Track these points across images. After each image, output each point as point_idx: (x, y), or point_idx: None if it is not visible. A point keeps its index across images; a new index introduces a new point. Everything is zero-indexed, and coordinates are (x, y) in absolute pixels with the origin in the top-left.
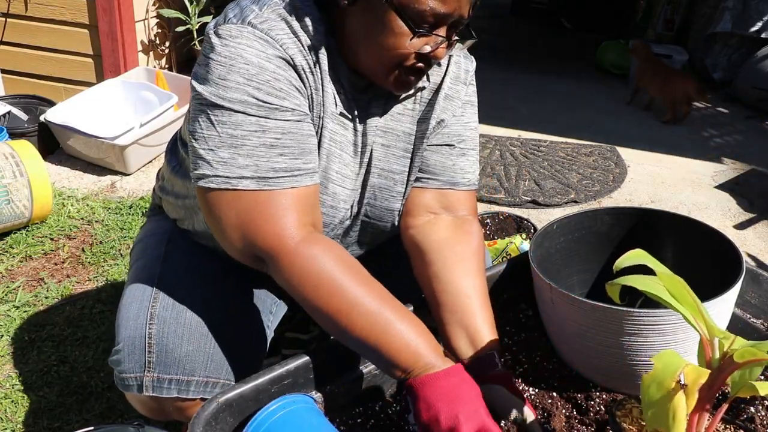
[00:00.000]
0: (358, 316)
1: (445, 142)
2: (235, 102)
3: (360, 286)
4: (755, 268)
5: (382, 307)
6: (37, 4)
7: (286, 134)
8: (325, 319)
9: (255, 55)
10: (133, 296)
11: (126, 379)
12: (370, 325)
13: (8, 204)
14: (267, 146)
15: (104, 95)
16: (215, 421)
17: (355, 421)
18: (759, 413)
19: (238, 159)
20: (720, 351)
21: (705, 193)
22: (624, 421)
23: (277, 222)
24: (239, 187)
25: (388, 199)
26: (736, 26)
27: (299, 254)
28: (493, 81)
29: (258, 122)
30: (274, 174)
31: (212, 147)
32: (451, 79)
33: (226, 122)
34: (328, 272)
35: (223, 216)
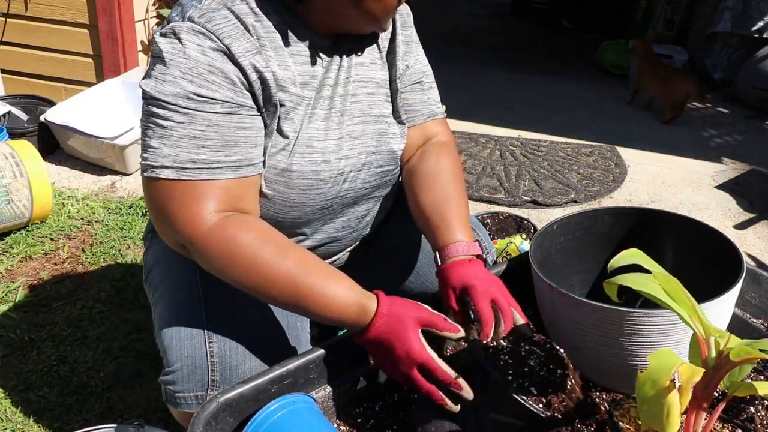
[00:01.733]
0: (279, 291)
1: (415, 80)
2: (169, 95)
3: (276, 258)
4: (755, 268)
5: (298, 276)
6: (37, 4)
7: (212, 127)
8: (254, 293)
9: (193, 49)
10: (179, 315)
11: (184, 397)
12: (292, 298)
13: (8, 204)
14: (190, 138)
15: (104, 95)
16: (215, 421)
17: (355, 421)
18: (759, 413)
19: (163, 149)
20: (716, 350)
21: (705, 193)
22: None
23: (189, 209)
24: (161, 175)
25: (390, 142)
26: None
27: (212, 238)
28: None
29: (186, 114)
30: (192, 165)
31: (147, 138)
32: (401, 26)
33: (159, 114)
34: (244, 250)
35: (151, 203)
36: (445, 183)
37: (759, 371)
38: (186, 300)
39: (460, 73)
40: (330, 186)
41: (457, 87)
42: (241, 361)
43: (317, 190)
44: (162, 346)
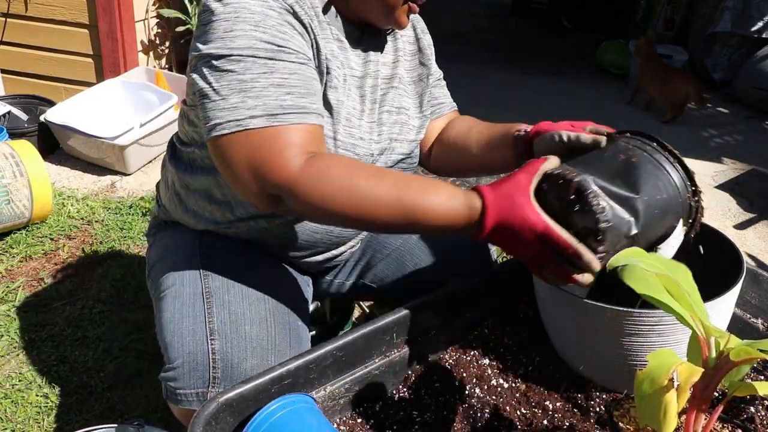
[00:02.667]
0: (386, 212)
1: (437, 77)
2: (244, 48)
3: (374, 180)
4: (755, 268)
5: (400, 193)
6: (37, 4)
7: (293, 75)
8: (359, 225)
9: (258, 5)
10: (182, 312)
11: (185, 394)
12: (401, 216)
13: (8, 204)
14: (275, 86)
15: (104, 95)
16: (215, 421)
17: (355, 421)
18: (759, 413)
19: (248, 101)
20: (716, 350)
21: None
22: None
23: (280, 154)
24: (250, 126)
25: (408, 131)
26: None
27: (306, 174)
28: (493, 81)
29: (266, 64)
30: (282, 111)
31: (223, 96)
32: (421, 31)
33: (235, 69)
34: (340, 179)
35: (235, 160)
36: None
37: (759, 371)
38: (189, 297)
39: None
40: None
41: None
42: (243, 359)
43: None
44: (163, 342)
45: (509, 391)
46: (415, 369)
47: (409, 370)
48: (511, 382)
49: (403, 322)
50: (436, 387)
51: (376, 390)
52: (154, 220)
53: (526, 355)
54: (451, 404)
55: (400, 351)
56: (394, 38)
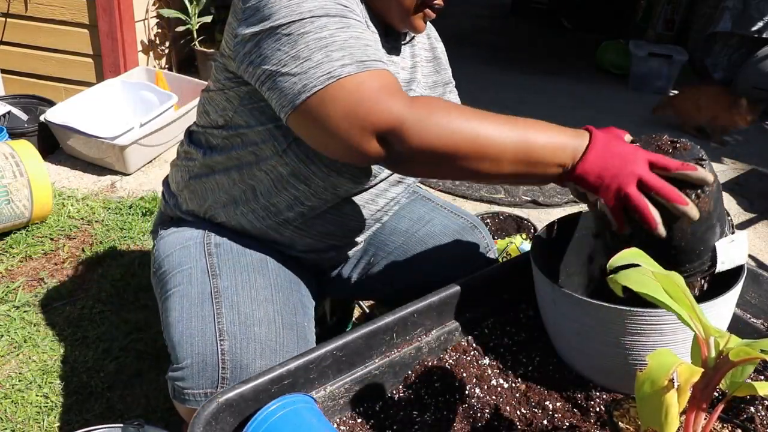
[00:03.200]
0: (501, 144)
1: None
2: (315, 9)
3: (481, 117)
4: (755, 268)
5: (511, 121)
6: (37, 4)
7: (365, 32)
8: (470, 165)
9: None
10: (190, 312)
11: (193, 394)
12: (518, 140)
13: (8, 204)
14: (355, 38)
15: (104, 95)
16: (215, 421)
17: (355, 421)
18: (759, 413)
19: (333, 54)
20: (716, 350)
21: None
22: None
23: (383, 95)
24: (343, 74)
25: None
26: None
27: (417, 112)
28: (493, 81)
29: (341, 21)
30: (368, 58)
31: (304, 58)
32: (435, 40)
33: (310, 30)
34: (451, 119)
35: (331, 113)
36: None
37: (759, 371)
38: (198, 296)
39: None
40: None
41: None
42: (252, 359)
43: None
44: (171, 342)
45: (509, 391)
46: (415, 369)
47: (409, 370)
48: (511, 382)
49: (403, 322)
50: (436, 387)
51: (376, 390)
52: (160, 218)
53: (526, 355)
54: (451, 404)
55: (400, 351)
56: (411, 45)
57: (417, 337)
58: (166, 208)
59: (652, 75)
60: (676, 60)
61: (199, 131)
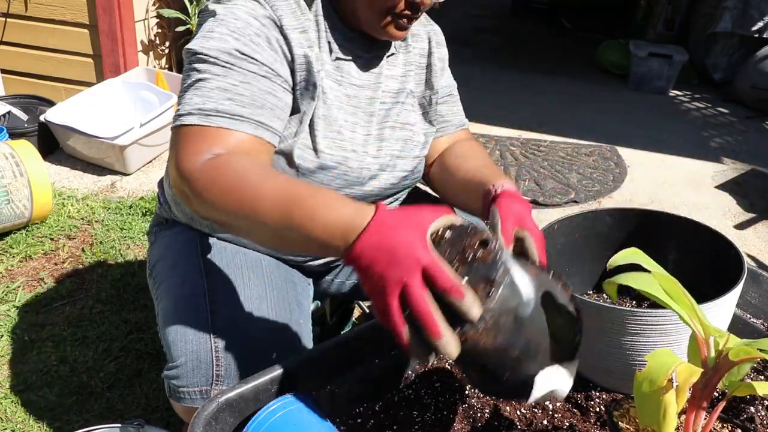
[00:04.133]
0: (267, 206)
1: (447, 93)
2: (212, 49)
3: (266, 175)
4: (755, 268)
5: (287, 188)
6: (37, 4)
7: (244, 84)
8: (242, 217)
9: (245, 12)
10: (185, 310)
11: (188, 392)
12: (282, 212)
13: (8, 204)
14: (221, 89)
15: (104, 95)
16: (215, 421)
17: (355, 421)
18: (759, 413)
19: (194, 99)
20: (715, 350)
21: (705, 193)
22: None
23: (195, 147)
24: (184, 122)
25: (412, 148)
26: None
27: (206, 166)
28: (493, 81)
29: (224, 68)
30: (215, 113)
31: (183, 91)
32: (436, 44)
33: (199, 69)
34: (233, 171)
35: (170, 152)
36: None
37: (759, 371)
38: (191, 295)
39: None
40: (356, 177)
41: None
42: (246, 356)
43: (344, 178)
44: (166, 341)
45: None
46: (415, 369)
47: (409, 370)
48: None
49: None
50: (436, 387)
51: (376, 390)
52: (156, 218)
53: None
54: (451, 404)
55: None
56: (406, 51)
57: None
58: (161, 210)
59: (652, 75)
60: (676, 60)
61: None
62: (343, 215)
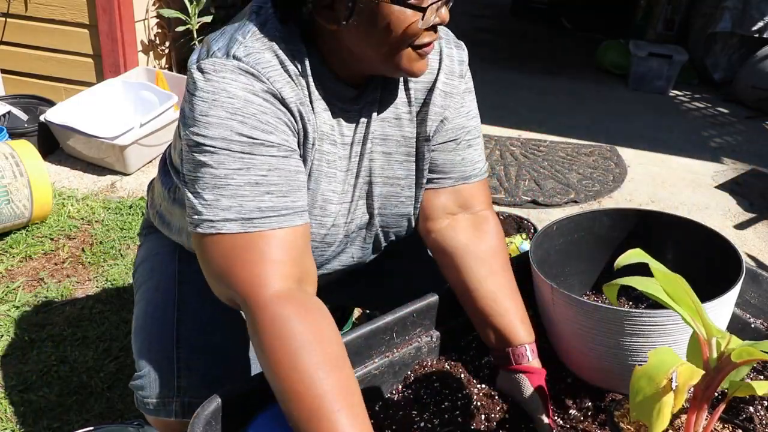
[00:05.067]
0: (296, 407)
1: (450, 138)
2: (217, 139)
3: (315, 372)
4: (755, 268)
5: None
6: (37, 4)
7: (273, 171)
8: (276, 391)
9: (240, 88)
10: (153, 319)
11: (151, 404)
12: (305, 419)
13: (8, 204)
14: (252, 184)
15: (104, 95)
16: (215, 421)
17: None
18: (758, 413)
19: (222, 200)
20: (717, 351)
21: (705, 193)
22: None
23: (254, 268)
24: (223, 230)
25: (398, 205)
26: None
27: (269, 311)
28: (493, 81)
29: (242, 159)
30: (259, 214)
31: (198, 190)
32: (446, 75)
33: (208, 162)
34: (289, 342)
35: (208, 261)
36: (495, 271)
37: (759, 371)
38: (161, 303)
39: None
40: (334, 248)
41: None
42: (210, 367)
43: (320, 252)
44: (134, 348)
45: None
46: (415, 369)
47: (409, 370)
48: None
49: (402, 322)
50: (436, 387)
51: (376, 390)
52: (144, 222)
53: None
54: (451, 404)
55: (400, 351)
56: (406, 87)
57: (417, 337)
58: (148, 214)
59: (652, 75)
60: (676, 60)
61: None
62: None
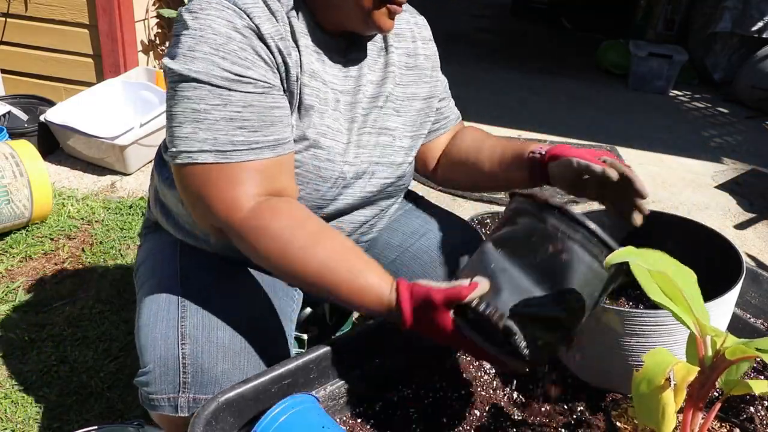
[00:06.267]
0: (311, 284)
1: (442, 89)
2: (201, 73)
3: (306, 250)
4: (755, 268)
5: (325, 275)
6: (37, 4)
7: (247, 107)
8: (290, 281)
9: (223, 25)
10: (156, 316)
11: (157, 399)
12: (324, 291)
13: (8, 204)
14: (227, 120)
15: (104, 95)
16: (215, 421)
17: (355, 420)
18: (758, 413)
19: (199, 133)
20: (713, 349)
21: (705, 193)
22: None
23: (227, 194)
24: (198, 160)
25: (392, 154)
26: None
27: (247, 225)
28: (493, 81)
29: (221, 95)
30: (231, 147)
31: (178, 123)
32: (422, 42)
33: (190, 96)
34: (275, 240)
35: (188, 190)
36: (486, 137)
37: (759, 371)
38: (164, 301)
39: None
40: (329, 186)
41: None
42: (214, 363)
43: (315, 186)
44: (138, 346)
45: (509, 390)
46: (415, 369)
47: (409, 370)
48: (511, 382)
49: None
50: (436, 387)
51: (376, 390)
52: (145, 222)
53: None
54: (451, 404)
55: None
56: (386, 53)
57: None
58: (149, 213)
59: (652, 75)
60: (676, 60)
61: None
62: (376, 309)
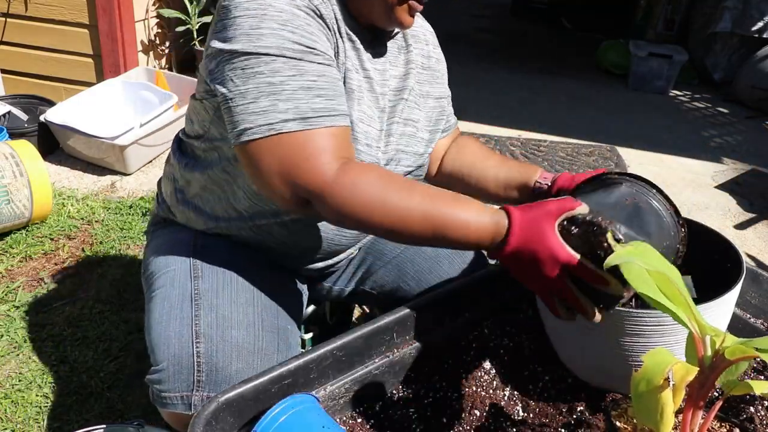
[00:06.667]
0: (417, 228)
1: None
2: (272, 47)
3: (403, 195)
4: (755, 268)
5: (429, 207)
6: (37, 4)
7: (321, 77)
8: (389, 237)
9: (285, 3)
10: (169, 314)
11: (170, 398)
12: (430, 232)
13: (8, 204)
14: (305, 89)
15: (104, 95)
16: (215, 421)
17: (356, 420)
18: (759, 413)
19: (279, 104)
20: (712, 349)
21: (705, 193)
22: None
23: (316, 159)
24: (283, 130)
25: (416, 144)
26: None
27: (339, 184)
28: (493, 81)
29: (295, 66)
30: (314, 114)
31: (252, 99)
32: (433, 48)
33: (263, 71)
34: (371, 192)
35: (266, 164)
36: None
37: (759, 371)
38: (177, 298)
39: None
40: None
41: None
42: (228, 362)
43: None
44: (150, 344)
45: (509, 390)
46: (415, 369)
47: (409, 370)
48: (511, 382)
49: (403, 322)
50: (436, 387)
51: (376, 390)
52: (154, 218)
53: (525, 356)
54: (451, 404)
55: (400, 351)
56: (407, 50)
57: (417, 337)
58: (159, 209)
59: (652, 75)
60: (676, 60)
61: (185, 140)
62: (487, 226)
